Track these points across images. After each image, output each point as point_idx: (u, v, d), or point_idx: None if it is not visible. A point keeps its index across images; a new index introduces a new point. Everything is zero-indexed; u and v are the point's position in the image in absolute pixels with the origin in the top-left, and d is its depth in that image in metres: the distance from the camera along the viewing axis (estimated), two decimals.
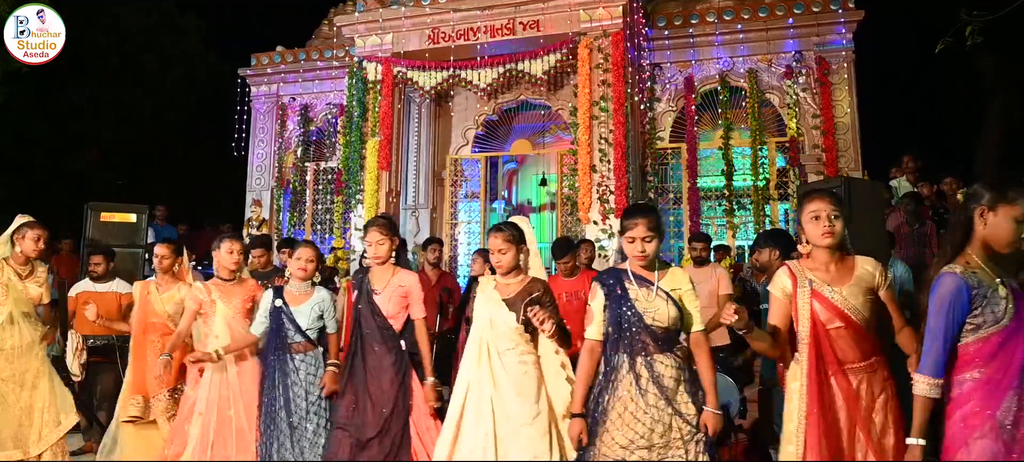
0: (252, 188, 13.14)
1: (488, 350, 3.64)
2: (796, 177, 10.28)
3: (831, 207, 2.90)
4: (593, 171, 9.68)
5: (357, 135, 10.98)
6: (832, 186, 5.56)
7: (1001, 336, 2.44)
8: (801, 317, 2.89)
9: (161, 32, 19.17)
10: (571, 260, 5.97)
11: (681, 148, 11.07)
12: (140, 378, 5.01)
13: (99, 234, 7.07)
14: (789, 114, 10.52)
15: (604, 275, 3.34)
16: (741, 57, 10.95)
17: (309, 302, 4.42)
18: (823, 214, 2.90)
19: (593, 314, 3.29)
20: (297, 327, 4.33)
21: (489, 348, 3.65)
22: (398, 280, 4.24)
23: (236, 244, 4.66)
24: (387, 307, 4.17)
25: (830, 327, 2.83)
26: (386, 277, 4.24)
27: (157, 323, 5.14)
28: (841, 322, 2.82)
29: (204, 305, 4.57)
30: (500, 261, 3.70)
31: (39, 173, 17.08)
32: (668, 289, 3.16)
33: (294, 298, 4.39)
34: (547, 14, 10.22)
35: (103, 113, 18.06)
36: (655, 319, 3.10)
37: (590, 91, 9.82)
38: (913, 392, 2.55)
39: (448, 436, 3.63)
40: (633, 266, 3.22)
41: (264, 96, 13.38)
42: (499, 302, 3.67)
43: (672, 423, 3.03)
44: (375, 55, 10.96)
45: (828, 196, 2.95)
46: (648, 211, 3.22)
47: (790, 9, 10.62)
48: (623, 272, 3.24)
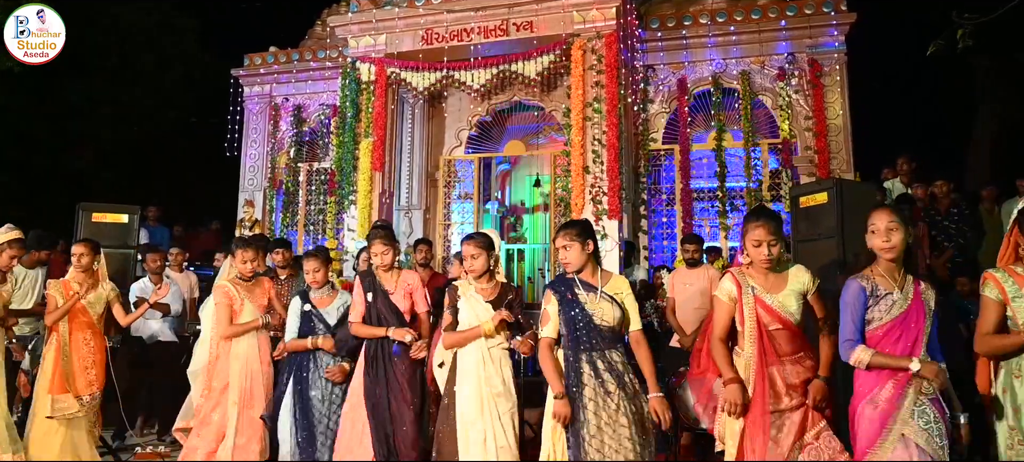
0: (245, 188, 13.10)
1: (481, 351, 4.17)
2: (789, 179, 10.30)
3: (771, 235, 3.40)
4: (586, 172, 9.68)
5: (350, 136, 10.97)
6: (824, 188, 5.59)
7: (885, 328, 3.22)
8: (747, 319, 3.42)
9: (160, 32, 19.13)
10: None
11: (674, 149, 11.08)
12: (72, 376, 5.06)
13: (91, 234, 7.04)
14: (782, 116, 10.54)
15: (555, 282, 3.86)
16: (734, 59, 10.96)
17: (334, 303, 4.94)
18: (764, 242, 3.40)
19: (548, 316, 3.78)
20: (328, 327, 4.85)
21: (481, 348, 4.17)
22: (404, 279, 4.76)
23: (248, 252, 5.11)
24: (401, 304, 4.67)
25: (771, 328, 3.38)
26: (393, 278, 4.74)
27: (85, 321, 5.21)
28: (779, 324, 3.38)
29: (235, 301, 5.03)
30: (473, 265, 4.26)
31: (37, 172, 17.02)
32: (611, 293, 3.70)
33: (320, 301, 4.91)
34: (540, 15, 10.22)
35: (101, 112, 18.00)
36: (603, 319, 3.64)
37: (583, 92, 9.83)
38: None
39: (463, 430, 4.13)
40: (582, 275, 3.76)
41: (257, 96, 13.35)
42: (484, 303, 4.22)
43: (629, 407, 3.55)
44: (368, 56, 10.95)
45: (768, 224, 3.42)
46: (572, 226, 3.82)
47: (783, 11, 10.65)
48: (572, 280, 3.75)
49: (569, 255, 3.73)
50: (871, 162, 10.44)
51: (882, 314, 3.23)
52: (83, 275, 5.27)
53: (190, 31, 19.93)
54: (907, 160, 8.87)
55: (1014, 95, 13.64)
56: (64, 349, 5.10)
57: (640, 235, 10.83)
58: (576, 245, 3.74)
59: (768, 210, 3.70)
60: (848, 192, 5.34)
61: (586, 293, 3.69)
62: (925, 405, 3.10)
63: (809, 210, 5.62)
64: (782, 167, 10.51)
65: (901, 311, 3.21)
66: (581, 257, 3.72)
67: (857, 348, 3.22)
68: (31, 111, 16.38)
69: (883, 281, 3.27)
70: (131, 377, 6.41)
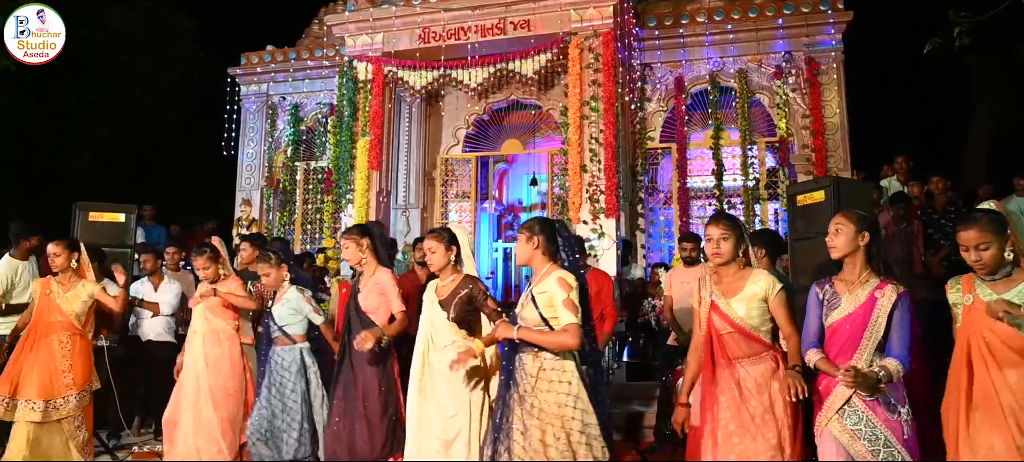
0: (242, 188, 13.10)
1: (428, 347, 4.11)
2: (786, 177, 10.31)
3: (721, 231, 3.49)
4: (583, 171, 9.68)
5: (347, 135, 10.96)
6: (821, 186, 5.58)
7: (829, 331, 3.32)
8: (702, 323, 3.54)
9: (159, 32, 19.07)
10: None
11: (671, 148, 11.08)
12: (44, 380, 4.93)
13: (88, 234, 7.02)
14: (779, 114, 10.54)
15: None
16: (731, 57, 10.97)
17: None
18: (714, 238, 3.49)
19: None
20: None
21: (429, 344, 4.11)
22: (375, 278, 4.68)
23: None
24: (366, 303, 4.61)
25: (723, 333, 3.45)
26: (368, 277, 4.71)
27: (62, 321, 5.09)
28: (732, 328, 3.42)
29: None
30: (430, 259, 4.20)
31: (36, 172, 16.98)
32: (536, 293, 3.54)
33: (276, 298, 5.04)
34: (538, 14, 10.22)
35: (100, 112, 17.95)
36: (525, 319, 3.51)
37: (580, 91, 9.82)
38: None
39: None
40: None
41: (254, 95, 13.33)
42: (435, 303, 4.14)
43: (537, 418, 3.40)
44: (365, 54, 10.94)
45: (721, 222, 3.52)
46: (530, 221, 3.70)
47: (780, 10, 10.65)
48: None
49: (524, 253, 3.65)
50: (868, 160, 10.46)
51: (831, 318, 3.32)
52: (62, 274, 5.17)
53: (188, 31, 19.88)
54: (904, 158, 8.87)
55: (1011, 94, 13.63)
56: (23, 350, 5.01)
57: (637, 233, 10.84)
58: (540, 240, 3.71)
59: (726, 214, 3.82)
60: (845, 190, 5.33)
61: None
62: (859, 407, 3.14)
63: (806, 208, 5.61)
64: (779, 165, 10.52)
65: (842, 316, 3.28)
66: (529, 251, 3.63)
67: (809, 351, 3.32)
68: (30, 111, 16.34)
69: (839, 285, 3.36)
70: (128, 376, 6.39)
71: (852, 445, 3.12)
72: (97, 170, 17.95)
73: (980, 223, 3.12)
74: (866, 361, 3.16)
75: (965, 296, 3.19)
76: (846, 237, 3.32)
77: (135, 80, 18.49)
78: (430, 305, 4.16)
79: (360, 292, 4.64)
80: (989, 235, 3.08)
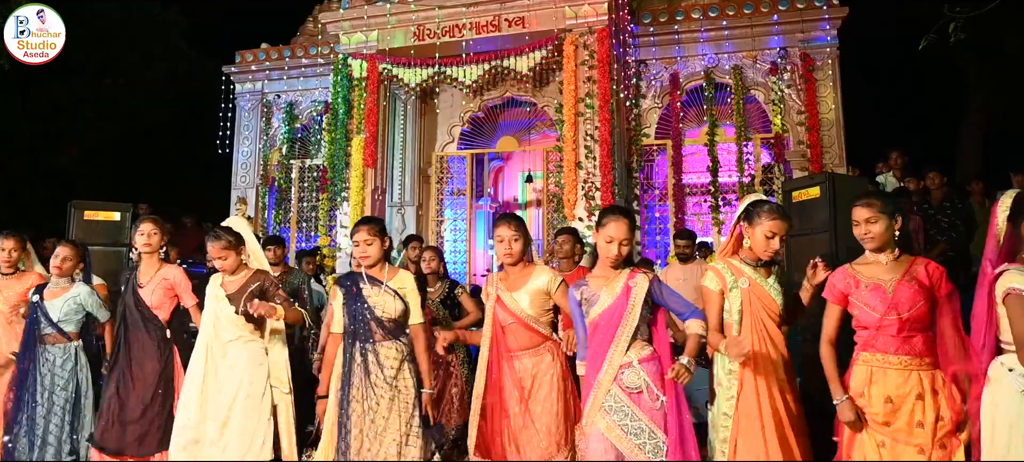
0: (237, 186, 13.06)
1: (211, 341, 4.23)
2: (781, 173, 10.32)
3: (510, 232, 3.78)
4: (579, 168, 9.68)
5: (342, 132, 10.94)
6: (817, 182, 5.60)
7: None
8: (487, 314, 3.83)
9: (145, 29, 18.96)
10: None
11: (667, 144, 11.09)
12: None
13: (82, 232, 7.01)
14: (774, 110, 10.55)
15: (342, 278, 3.99)
16: (726, 53, 10.98)
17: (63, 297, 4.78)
18: (506, 239, 3.79)
19: (333, 311, 3.98)
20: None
21: (212, 337, 4.23)
22: (162, 274, 4.64)
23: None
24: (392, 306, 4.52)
25: (505, 324, 3.74)
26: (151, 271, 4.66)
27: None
28: (513, 319, 3.72)
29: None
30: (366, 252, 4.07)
31: (19, 170, 16.89)
32: (395, 288, 3.81)
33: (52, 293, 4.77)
34: (532, 11, 10.21)
35: (85, 110, 17.85)
36: (383, 312, 3.74)
37: (576, 88, 9.82)
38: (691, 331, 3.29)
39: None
40: (372, 270, 3.86)
41: (249, 93, 13.30)
42: (222, 297, 4.26)
43: (394, 398, 3.67)
44: (360, 52, 10.92)
45: (511, 224, 3.80)
46: (371, 222, 3.91)
47: (775, 6, 10.66)
48: (359, 275, 3.86)
49: (370, 250, 3.82)
50: (863, 156, 10.47)
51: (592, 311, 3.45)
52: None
53: (176, 28, 19.78)
54: (898, 154, 8.89)
55: (1002, 87, 13.69)
56: None
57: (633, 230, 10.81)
58: (376, 241, 3.87)
59: (515, 215, 3.97)
60: (841, 186, 5.36)
61: (371, 287, 3.79)
62: (624, 401, 3.25)
63: (802, 204, 5.63)
64: (775, 162, 10.54)
65: (602, 310, 3.40)
66: (379, 253, 3.85)
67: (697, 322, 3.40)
68: (13, 109, 16.22)
69: (593, 282, 3.49)
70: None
71: (621, 442, 3.19)
72: (82, 168, 17.87)
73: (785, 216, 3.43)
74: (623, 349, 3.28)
75: (739, 280, 3.38)
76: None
77: (121, 77, 18.36)
78: (216, 299, 4.27)
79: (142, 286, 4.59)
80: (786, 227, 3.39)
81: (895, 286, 3.11)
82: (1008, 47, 13.13)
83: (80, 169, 17.87)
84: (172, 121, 19.18)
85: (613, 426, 3.20)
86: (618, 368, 3.25)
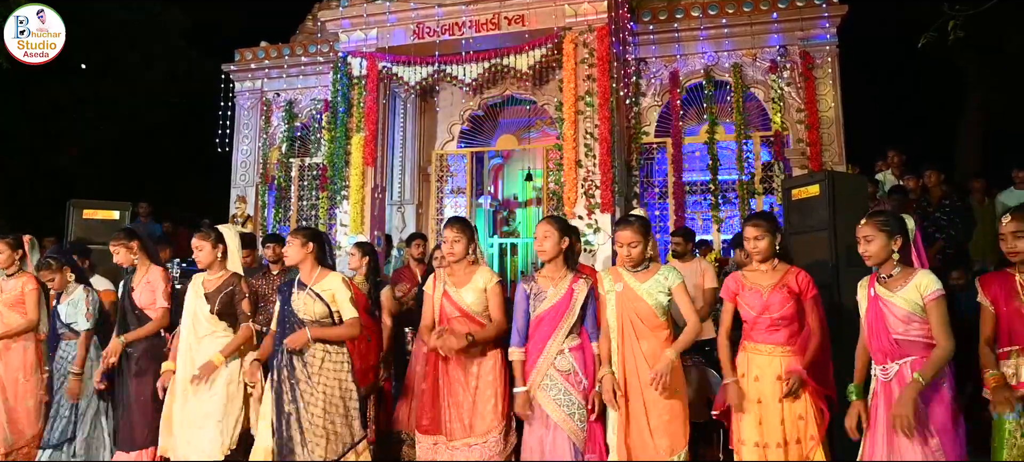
0: (237, 185, 13.05)
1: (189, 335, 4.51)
2: (781, 171, 10.31)
3: (453, 234, 4.13)
4: (578, 166, 9.68)
5: (342, 131, 10.94)
6: (816, 180, 5.59)
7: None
8: (434, 309, 4.16)
9: (146, 29, 18.95)
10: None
11: (666, 143, 11.08)
12: None
13: (82, 231, 7.01)
14: (774, 108, 10.54)
15: (282, 285, 4.39)
16: (726, 52, 10.96)
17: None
18: (449, 240, 4.14)
19: (272, 314, 4.41)
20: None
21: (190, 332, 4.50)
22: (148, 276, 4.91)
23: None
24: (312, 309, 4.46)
25: (452, 316, 4.10)
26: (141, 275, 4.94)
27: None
28: (458, 313, 4.09)
29: None
30: (198, 257, 4.62)
31: (19, 170, 16.89)
32: (318, 290, 4.13)
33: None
34: (532, 9, 10.21)
35: (85, 110, 17.85)
36: (303, 313, 4.08)
37: (575, 86, 9.82)
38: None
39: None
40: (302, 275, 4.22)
41: (248, 92, 13.28)
42: (201, 295, 4.55)
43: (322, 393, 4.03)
44: (360, 50, 10.91)
45: (455, 226, 4.16)
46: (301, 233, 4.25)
47: (774, 4, 10.64)
48: (296, 280, 4.21)
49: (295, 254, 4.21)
50: (863, 154, 10.47)
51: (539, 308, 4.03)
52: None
53: (176, 27, 19.77)
54: (896, 153, 8.89)
55: (1003, 86, 13.69)
56: None
57: None
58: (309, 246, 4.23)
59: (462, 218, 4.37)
60: (840, 185, 5.34)
61: (298, 290, 4.16)
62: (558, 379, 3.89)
63: (801, 203, 5.61)
64: (774, 159, 10.52)
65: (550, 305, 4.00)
66: (301, 254, 4.20)
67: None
68: (13, 109, 16.23)
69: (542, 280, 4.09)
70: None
71: (555, 412, 3.82)
72: (82, 167, 17.86)
73: (633, 226, 3.89)
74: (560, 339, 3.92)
75: (615, 284, 3.92)
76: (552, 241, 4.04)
77: (121, 77, 18.34)
78: (196, 296, 4.57)
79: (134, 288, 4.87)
80: (640, 236, 3.87)
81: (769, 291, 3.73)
82: (1007, 46, 13.13)
83: (80, 169, 17.87)
84: (172, 121, 19.16)
85: (548, 399, 3.84)
86: (555, 354, 3.89)
